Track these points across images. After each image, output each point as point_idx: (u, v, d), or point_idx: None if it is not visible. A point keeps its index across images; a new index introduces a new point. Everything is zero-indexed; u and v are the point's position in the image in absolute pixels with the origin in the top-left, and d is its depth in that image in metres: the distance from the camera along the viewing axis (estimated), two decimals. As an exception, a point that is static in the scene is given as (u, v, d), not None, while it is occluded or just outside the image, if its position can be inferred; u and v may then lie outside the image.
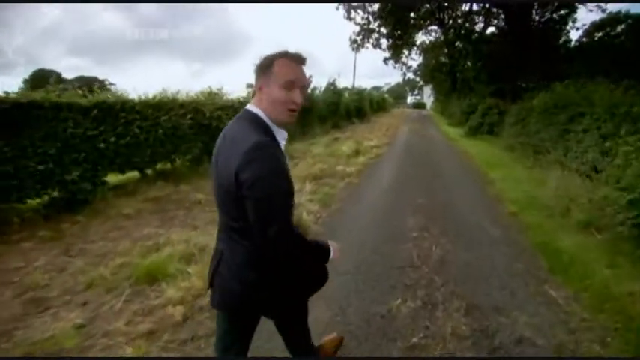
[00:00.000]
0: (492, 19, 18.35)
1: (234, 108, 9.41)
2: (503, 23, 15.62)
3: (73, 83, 6.46)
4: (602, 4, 14.45)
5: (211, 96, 9.01)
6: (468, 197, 5.63)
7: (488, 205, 5.21)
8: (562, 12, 13.85)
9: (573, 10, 13.77)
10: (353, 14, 23.26)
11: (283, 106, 1.22)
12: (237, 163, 1.10)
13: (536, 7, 13.50)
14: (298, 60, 1.26)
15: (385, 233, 4.17)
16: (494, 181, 6.59)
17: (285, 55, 1.24)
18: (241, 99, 10.30)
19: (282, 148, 1.29)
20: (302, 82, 1.26)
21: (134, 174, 7.11)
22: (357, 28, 24.08)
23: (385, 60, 26.76)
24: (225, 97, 9.71)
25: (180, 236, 4.13)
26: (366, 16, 22.34)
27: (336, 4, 21.05)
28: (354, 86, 31.60)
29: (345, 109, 22.88)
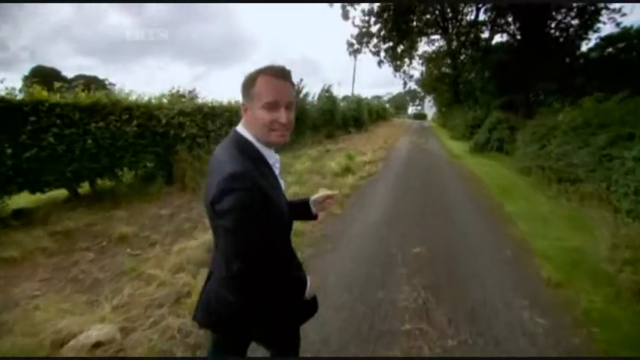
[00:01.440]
0: (499, 29, 17.06)
1: (204, 113, 8.04)
2: (514, 31, 14.30)
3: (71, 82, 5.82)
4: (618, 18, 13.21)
5: (175, 99, 7.61)
6: (482, 246, 4.14)
7: (512, 262, 3.73)
8: (580, 20, 12.52)
9: (595, 18, 12.46)
10: (351, 13, 21.85)
11: (267, 127, 1.15)
12: (213, 192, 1.09)
13: (553, 13, 12.20)
14: (281, 75, 1.15)
15: (358, 327, 2.59)
16: (513, 218, 5.14)
17: (265, 72, 1.15)
18: (216, 103, 8.95)
19: (276, 169, 1.26)
20: (286, 100, 1.15)
21: (61, 192, 5.68)
22: (356, 31, 22.76)
23: (379, 63, 25.28)
24: (194, 101, 8.31)
25: (46, 316, 2.66)
26: (366, 18, 20.98)
27: (328, 3, 19.72)
28: (352, 94, 30.36)
29: (342, 118, 21.61)
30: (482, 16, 21.34)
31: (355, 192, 6.71)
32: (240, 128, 1.24)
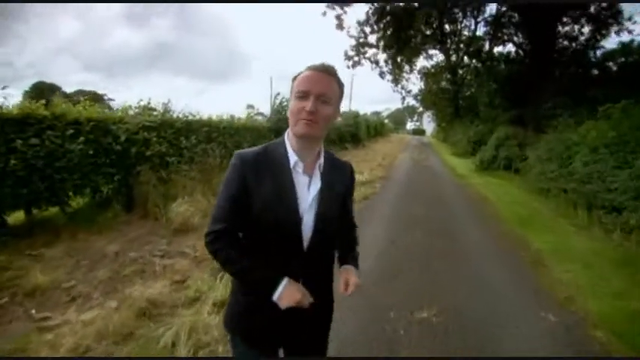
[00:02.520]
0: (500, 41, 16.36)
1: (177, 128, 7.08)
2: (520, 41, 13.47)
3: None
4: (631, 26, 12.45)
5: (143, 112, 6.64)
6: (513, 310, 3.02)
7: (561, 338, 2.64)
8: (592, 27, 11.71)
9: (607, 25, 11.66)
10: (345, 22, 21.13)
11: (296, 116, 1.12)
12: None
13: (563, 19, 11.40)
14: (319, 69, 1.13)
15: None
16: (543, 260, 4.07)
17: (308, 68, 1.15)
18: (193, 117, 8.00)
19: (301, 173, 1.19)
20: (318, 91, 1.09)
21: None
22: (352, 42, 22.04)
23: (381, 74, 24.49)
24: (167, 115, 7.33)
25: None
26: (361, 28, 20.29)
27: (323, 10, 19.04)
28: (349, 109, 29.62)
29: (337, 134, 20.75)
30: (482, 29, 20.81)
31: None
32: (287, 131, 1.24)
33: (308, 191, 1.19)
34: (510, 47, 15.22)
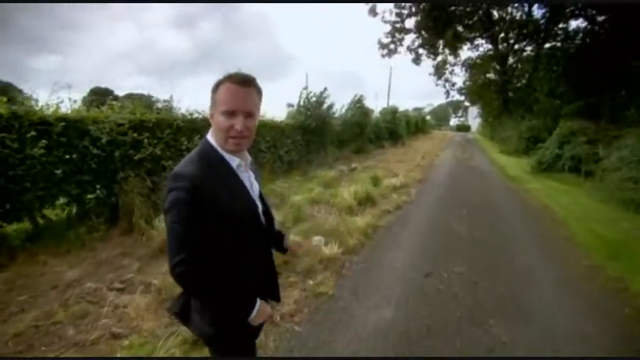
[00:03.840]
0: (563, 20, 14.04)
1: (177, 127, 6.23)
2: (593, 15, 11.18)
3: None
4: None
5: (135, 110, 5.81)
6: None
7: None
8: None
9: None
10: (379, 7, 19.34)
11: (225, 133, 1.16)
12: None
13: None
14: (242, 83, 1.15)
15: None
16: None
17: (228, 80, 1.16)
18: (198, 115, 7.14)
19: (242, 172, 1.25)
20: (246, 109, 1.15)
21: None
22: (387, 28, 20.21)
23: (415, 59, 22.22)
24: (167, 112, 6.51)
25: None
26: (398, 11, 18.49)
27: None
28: (387, 105, 28.00)
29: (374, 131, 19.38)
30: (538, 11, 18.35)
31: (363, 248, 4.38)
32: (208, 135, 1.25)
33: (251, 187, 1.28)
34: (579, 23, 12.86)
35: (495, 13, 23.81)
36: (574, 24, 13.37)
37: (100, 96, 5.93)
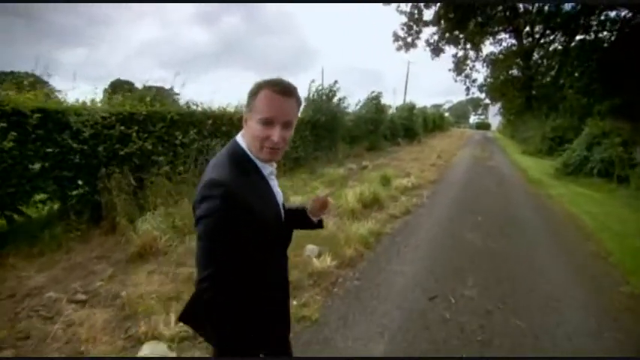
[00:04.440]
0: (597, 11, 12.98)
1: (172, 121, 5.89)
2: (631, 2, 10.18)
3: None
4: None
5: (123, 102, 5.49)
6: None
7: None
8: None
9: None
10: None
11: (260, 142, 1.09)
12: (194, 199, 1.07)
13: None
14: (284, 92, 1.09)
15: None
16: None
17: (269, 86, 1.08)
18: (198, 107, 6.79)
19: (272, 180, 1.21)
20: (284, 119, 1.08)
21: None
22: (404, 19, 19.11)
23: (435, 49, 20.90)
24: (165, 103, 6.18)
25: None
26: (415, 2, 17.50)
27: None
28: (404, 101, 27.24)
29: (389, 128, 18.76)
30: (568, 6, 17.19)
31: (361, 260, 3.88)
32: (239, 137, 1.19)
33: (278, 196, 1.23)
34: (617, 13, 11.72)
35: (520, 6, 22.68)
36: (611, 14, 12.37)
37: (118, 88, 5.84)
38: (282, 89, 1.08)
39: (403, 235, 4.64)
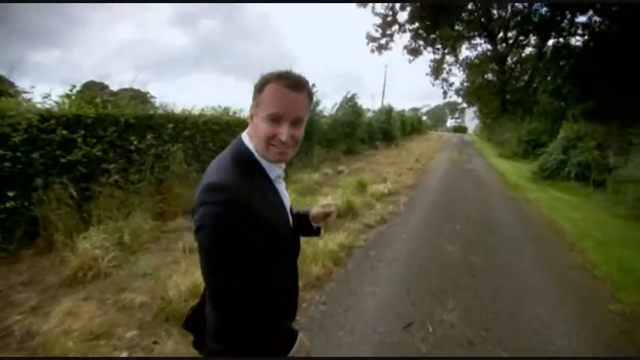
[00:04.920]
0: (564, 21, 13.20)
1: (127, 124, 5.38)
2: (600, 9, 10.31)
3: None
4: None
5: (71, 104, 4.95)
6: None
7: None
8: None
9: None
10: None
11: (267, 141, 0.98)
12: (194, 203, 0.98)
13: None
14: (293, 86, 0.97)
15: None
16: None
17: (277, 79, 0.97)
18: (158, 110, 6.28)
19: (280, 183, 1.12)
20: (294, 115, 0.98)
21: None
22: (378, 21, 18.88)
23: (410, 50, 20.82)
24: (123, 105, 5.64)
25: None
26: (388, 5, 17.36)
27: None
28: (382, 104, 27.20)
29: (367, 131, 18.56)
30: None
31: (329, 279, 3.47)
32: (244, 135, 1.09)
33: (286, 201, 1.15)
34: (589, 16, 11.87)
35: (495, 12, 23.09)
36: (581, 18, 12.58)
37: (92, 89, 5.56)
38: (292, 83, 0.97)
39: (377, 248, 4.28)
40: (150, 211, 5.10)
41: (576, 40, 12.63)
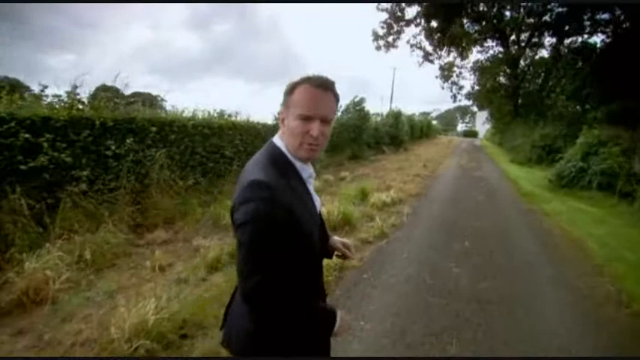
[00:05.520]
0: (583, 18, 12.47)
1: (104, 127, 4.98)
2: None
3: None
4: None
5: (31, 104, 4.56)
6: None
7: None
8: None
9: None
10: None
11: (299, 138, 1.04)
12: (234, 201, 1.01)
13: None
14: (321, 86, 1.05)
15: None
16: None
17: (307, 81, 1.06)
18: (141, 114, 5.86)
19: (310, 184, 1.14)
20: (323, 113, 1.04)
21: None
22: (384, 16, 18.05)
23: (427, 56, 19.93)
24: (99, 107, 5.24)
25: None
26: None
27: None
28: (390, 108, 26.61)
29: (374, 136, 18.01)
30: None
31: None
32: (275, 138, 1.14)
33: (316, 201, 1.17)
34: (605, 16, 11.12)
35: (507, 13, 22.39)
36: (604, 15, 11.75)
37: (106, 93, 5.54)
38: (320, 83, 1.04)
39: (373, 270, 3.73)
40: (125, 222, 4.65)
41: (598, 39, 11.92)
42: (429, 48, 20.68)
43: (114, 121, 5.08)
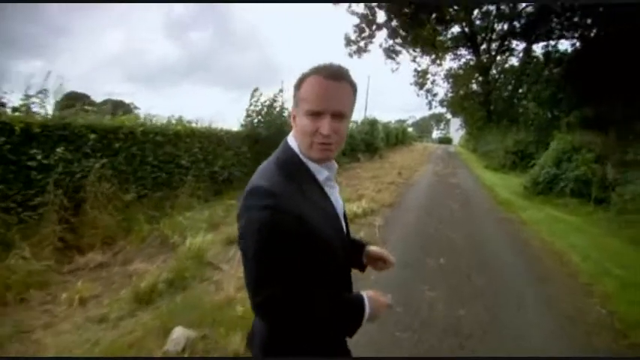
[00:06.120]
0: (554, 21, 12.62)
1: (22, 135, 4.26)
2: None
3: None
4: None
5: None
6: None
7: None
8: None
9: None
10: None
11: (309, 138, 0.91)
12: (239, 207, 0.91)
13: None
14: (332, 76, 0.90)
15: None
16: None
17: (316, 72, 0.92)
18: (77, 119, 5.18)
19: (330, 186, 1.01)
20: (335, 107, 0.90)
21: None
22: (356, 21, 17.98)
23: (390, 52, 19.97)
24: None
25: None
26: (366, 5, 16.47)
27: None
28: (365, 115, 26.52)
29: (349, 143, 17.68)
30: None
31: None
32: (289, 138, 1.02)
33: (338, 206, 1.03)
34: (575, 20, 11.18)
35: (477, 22, 22.81)
36: (573, 19, 11.88)
37: (75, 101, 5.34)
38: (331, 73, 0.90)
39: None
40: (49, 245, 3.96)
41: (568, 44, 12.03)
42: (398, 49, 20.62)
43: (42, 127, 4.40)
